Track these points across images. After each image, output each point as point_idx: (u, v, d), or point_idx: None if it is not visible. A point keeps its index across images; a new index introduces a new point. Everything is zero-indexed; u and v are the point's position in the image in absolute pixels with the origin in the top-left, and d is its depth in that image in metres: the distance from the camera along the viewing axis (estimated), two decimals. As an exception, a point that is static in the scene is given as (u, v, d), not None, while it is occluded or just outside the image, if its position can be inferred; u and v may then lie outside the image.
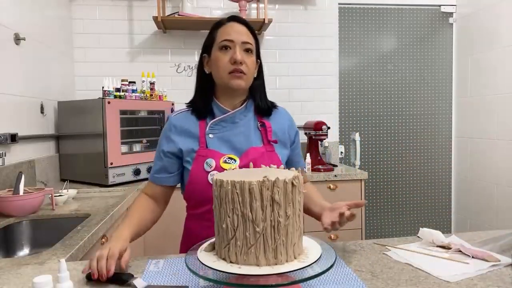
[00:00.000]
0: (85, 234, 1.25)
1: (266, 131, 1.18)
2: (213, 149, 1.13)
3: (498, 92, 2.80)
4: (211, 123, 1.15)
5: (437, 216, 3.36)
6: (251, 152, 1.13)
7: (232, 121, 1.16)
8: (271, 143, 1.17)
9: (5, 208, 1.50)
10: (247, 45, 1.11)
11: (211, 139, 1.14)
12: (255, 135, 1.17)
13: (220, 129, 1.16)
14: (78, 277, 0.87)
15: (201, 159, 1.11)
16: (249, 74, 1.12)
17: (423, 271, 0.89)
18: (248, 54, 1.12)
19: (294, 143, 1.27)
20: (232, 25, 1.13)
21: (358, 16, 3.20)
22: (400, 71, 3.27)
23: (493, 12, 2.83)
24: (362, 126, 3.24)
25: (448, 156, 3.35)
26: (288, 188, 0.73)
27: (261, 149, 1.15)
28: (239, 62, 1.08)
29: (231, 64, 1.09)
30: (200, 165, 1.11)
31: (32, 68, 2.10)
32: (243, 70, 1.09)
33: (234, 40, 1.10)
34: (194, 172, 1.12)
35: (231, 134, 1.16)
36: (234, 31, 1.11)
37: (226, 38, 1.10)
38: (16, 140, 1.81)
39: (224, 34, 1.12)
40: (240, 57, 1.09)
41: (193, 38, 2.93)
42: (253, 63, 1.13)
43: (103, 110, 2.13)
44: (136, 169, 2.32)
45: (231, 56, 1.09)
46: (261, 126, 1.19)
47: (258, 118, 1.20)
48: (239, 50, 1.10)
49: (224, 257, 0.75)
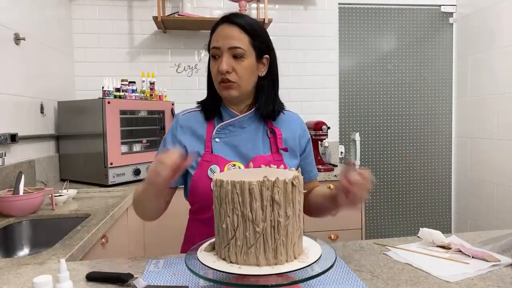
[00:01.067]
0: (85, 234, 1.24)
1: (276, 139, 1.11)
2: (218, 155, 1.08)
3: (498, 92, 2.80)
4: (218, 127, 1.11)
5: (437, 216, 3.36)
6: (258, 160, 1.07)
7: (240, 126, 1.11)
8: (280, 151, 1.11)
9: (5, 208, 1.50)
10: (236, 50, 1.03)
11: (217, 143, 1.10)
12: (263, 142, 1.12)
13: (227, 133, 1.11)
14: (78, 277, 0.87)
15: (206, 164, 1.07)
16: (241, 82, 1.05)
17: (423, 271, 0.89)
18: (237, 60, 1.04)
19: (305, 151, 1.19)
20: (221, 28, 1.06)
21: (358, 16, 3.20)
22: (400, 71, 3.27)
23: (493, 12, 2.83)
24: (362, 126, 3.24)
25: (448, 156, 3.35)
26: (288, 188, 0.73)
27: (269, 158, 1.09)
28: (224, 72, 1.03)
29: (220, 74, 1.04)
30: (204, 171, 1.07)
31: (32, 68, 2.10)
32: (230, 79, 1.03)
33: (221, 47, 1.04)
34: (197, 178, 1.08)
35: (238, 139, 1.11)
36: (222, 36, 1.04)
37: (213, 46, 1.05)
38: (16, 140, 1.81)
39: (213, 40, 1.06)
40: (226, 66, 1.02)
41: (193, 38, 2.93)
42: (245, 69, 1.05)
43: (103, 110, 2.13)
44: (136, 169, 2.32)
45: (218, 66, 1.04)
46: (270, 133, 1.13)
47: (268, 124, 1.14)
48: (226, 58, 1.03)
49: (224, 257, 0.75)
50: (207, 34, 1.16)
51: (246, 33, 1.05)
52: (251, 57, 1.07)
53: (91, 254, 1.28)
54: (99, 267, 0.94)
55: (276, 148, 1.11)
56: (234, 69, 1.04)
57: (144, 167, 2.37)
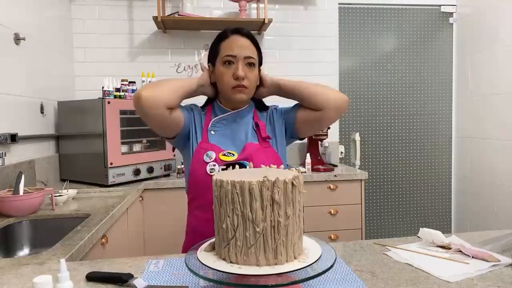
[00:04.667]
0: (85, 234, 1.24)
1: (259, 130, 1.23)
2: (213, 144, 1.18)
3: (498, 92, 2.80)
4: (214, 120, 1.22)
5: (437, 216, 3.36)
6: (248, 147, 1.18)
7: (233, 120, 1.23)
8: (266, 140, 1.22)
9: (5, 208, 1.50)
10: (250, 59, 1.15)
11: (212, 135, 1.20)
12: (252, 134, 1.23)
13: (221, 127, 1.22)
14: (78, 277, 0.87)
15: (202, 151, 1.17)
16: (250, 87, 1.17)
17: (423, 271, 0.89)
18: (250, 68, 1.15)
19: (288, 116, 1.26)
20: (235, 39, 1.16)
21: (358, 16, 3.20)
22: (400, 71, 3.27)
23: (493, 12, 2.83)
24: (362, 126, 3.24)
25: (448, 156, 3.35)
26: (288, 188, 0.73)
27: (257, 145, 1.20)
28: (241, 78, 1.13)
29: (234, 79, 1.13)
30: (201, 156, 1.16)
31: (32, 68, 2.10)
32: (245, 85, 1.14)
33: (237, 55, 1.13)
34: (194, 163, 1.17)
35: (231, 131, 1.22)
36: (237, 46, 1.14)
37: (229, 54, 1.14)
38: (16, 140, 1.81)
39: (227, 48, 1.15)
40: (242, 73, 1.13)
41: (193, 38, 2.92)
42: (255, 76, 1.18)
43: (103, 110, 2.13)
44: (136, 169, 2.31)
45: (233, 72, 1.13)
46: (255, 127, 1.24)
47: (254, 119, 1.26)
48: (242, 66, 1.13)
49: (224, 257, 0.75)
50: (207, 34, 1.18)
51: (255, 46, 1.19)
52: (257, 67, 1.19)
53: (91, 254, 1.28)
54: (99, 267, 0.94)
55: (261, 137, 1.23)
56: (246, 76, 1.15)
57: (144, 167, 2.37)
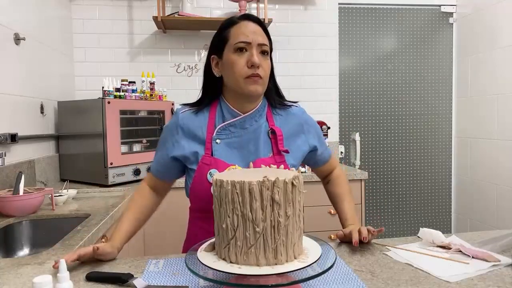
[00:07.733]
0: (85, 234, 1.25)
1: (277, 140, 1.08)
2: (218, 158, 1.05)
3: (498, 92, 2.80)
4: (219, 128, 1.07)
5: (437, 216, 3.36)
6: (258, 164, 1.04)
7: (241, 126, 1.08)
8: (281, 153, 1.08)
9: (5, 208, 1.50)
10: (264, 47, 1.03)
11: (217, 144, 1.07)
12: (264, 144, 1.09)
13: (228, 134, 1.08)
14: (78, 277, 0.87)
15: (205, 167, 1.05)
16: (265, 78, 1.04)
17: (423, 271, 0.89)
18: (264, 56, 1.04)
19: (316, 147, 1.17)
20: (247, 24, 1.04)
21: (358, 16, 3.20)
22: (400, 71, 3.27)
23: (493, 12, 2.83)
24: (362, 126, 3.24)
25: (448, 156, 3.35)
26: (288, 188, 0.73)
27: (270, 161, 1.06)
28: (257, 65, 1.00)
29: (248, 67, 1.00)
30: (204, 176, 1.05)
31: (32, 68, 2.10)
32: (260, 74, 1.01)
33: (251, 42, 1.01)
34: (197, 181, 1.06)
35: (240, 140, 1.08)
36: (250, 31, 1.02)
37: (242, 40, 1.01)
38: (16, 140, 1.81)
39: (239, 34, 1.02)
40: (258, 60, 1.00)
41: (193, 38, 2.92)
42: (269, 66, 1.06)
43: (103, 110, 2.13)
44: (136, 169, 2.32)
45: (248, 59, 1.00)
46: (271, 133, 1.10)
47: (269, 123, 1.11)
48: (256, 53, 1.01)
49: (224, 257, 0.75)
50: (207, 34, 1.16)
51: (266, 34, 1.07)
52: (269, 56, 1.07)
53: (91, 254, 1.28)
54: (99, 267, 0.94)
55: (277, 149, 1.09)
56: (261, 65, 1.02)
57: (144, 167, 2.37)
